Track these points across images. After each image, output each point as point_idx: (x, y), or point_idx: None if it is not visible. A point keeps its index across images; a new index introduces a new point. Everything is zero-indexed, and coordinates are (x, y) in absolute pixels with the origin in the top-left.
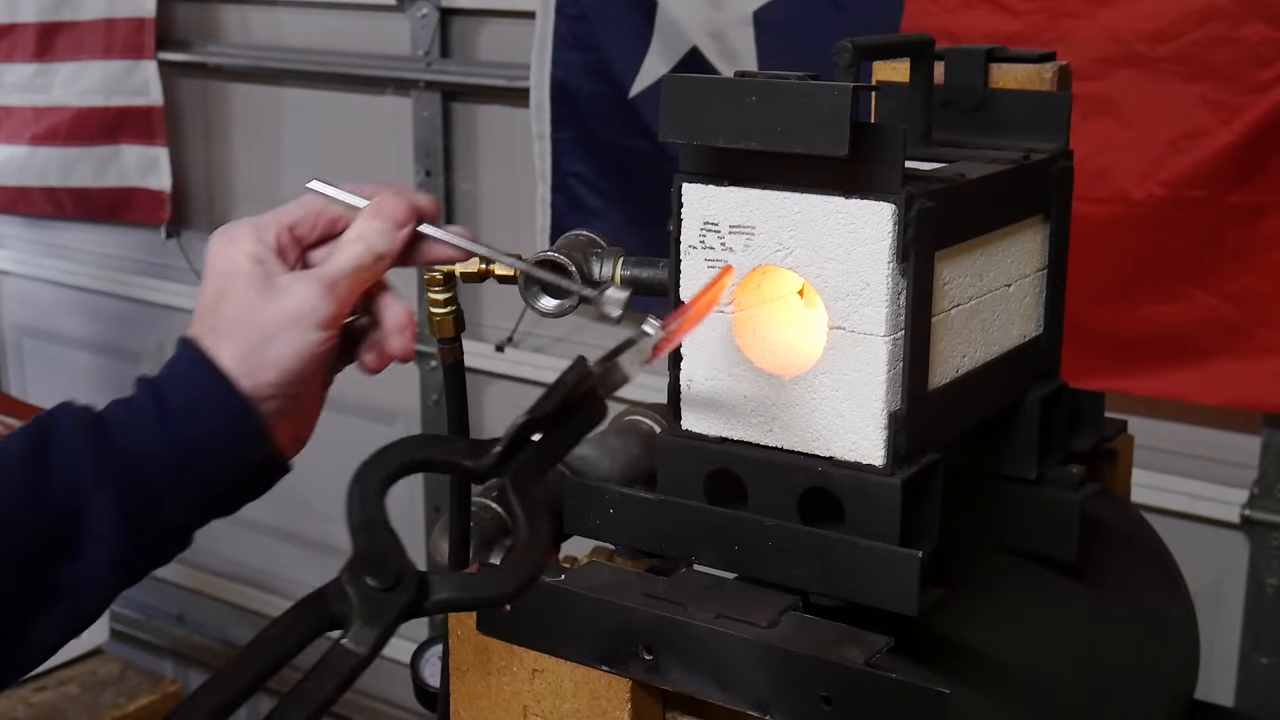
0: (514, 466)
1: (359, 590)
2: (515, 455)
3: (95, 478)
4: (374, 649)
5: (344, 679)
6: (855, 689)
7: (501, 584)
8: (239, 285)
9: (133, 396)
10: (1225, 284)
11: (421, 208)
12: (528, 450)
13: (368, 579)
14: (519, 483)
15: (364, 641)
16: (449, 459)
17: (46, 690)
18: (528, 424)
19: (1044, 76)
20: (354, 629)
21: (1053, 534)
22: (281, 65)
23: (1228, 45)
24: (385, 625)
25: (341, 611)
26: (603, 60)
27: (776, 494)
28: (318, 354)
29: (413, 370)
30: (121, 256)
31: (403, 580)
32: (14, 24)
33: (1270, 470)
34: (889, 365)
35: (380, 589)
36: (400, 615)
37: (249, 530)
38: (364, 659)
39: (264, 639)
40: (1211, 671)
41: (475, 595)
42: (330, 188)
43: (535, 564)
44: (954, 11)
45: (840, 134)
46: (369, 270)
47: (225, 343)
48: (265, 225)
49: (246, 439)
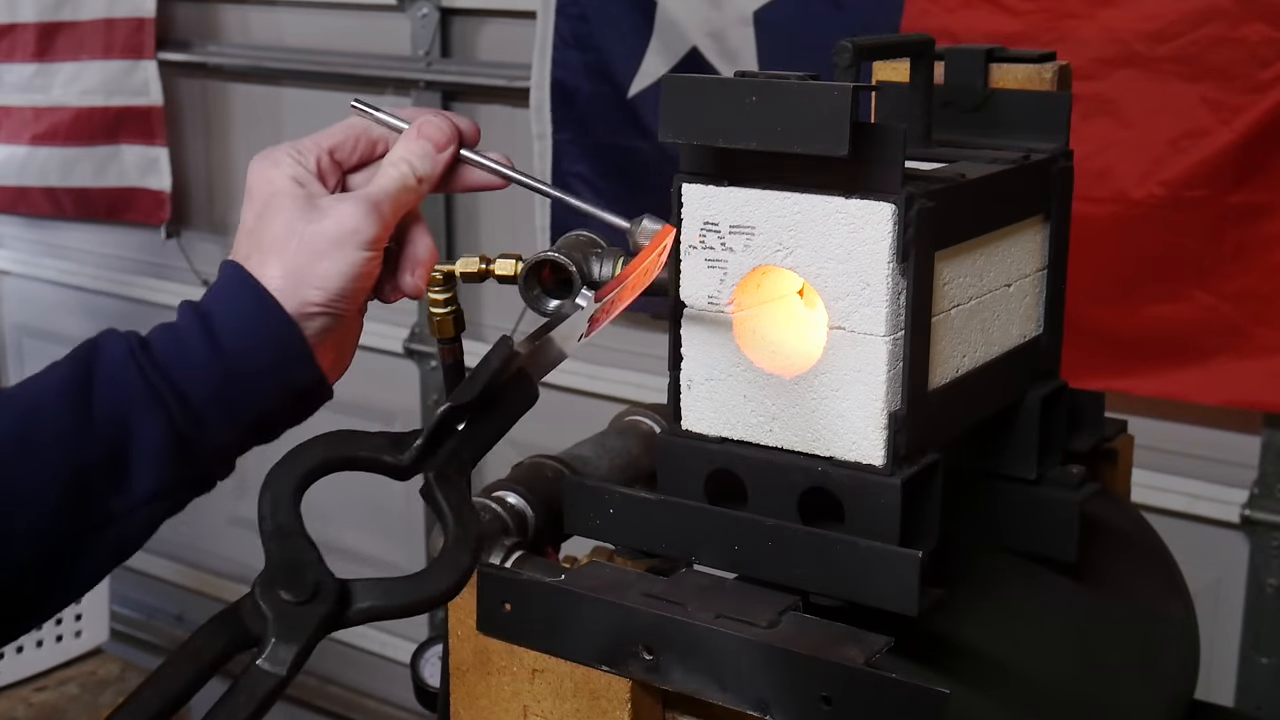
0: (439, 460)
1: (273, 605)
2: (439, 447)
3: (143, 402)
4: (293, 668)
5: (261, 702)
6: (855, 689)
7: (428, 587)
8: (282, 205)
9: (177, 321)
10: (1225, 284)
11: (463, 131)
12: (452, 440)
13: (282, 592)
14: (444, 477)
15: (281, 661)
16: (369, 455)
17: (46, 690)
18: (450, 412)
19: (1044, 76)
20: (270, 647)
21: (1053, 534)
22: (281, 65)
23: (1228, 45)
24: (304, 641)
25: (256, 629)
26: (603, 60)
27: (776, 494)
28: (362, 273)
29: (413, 370)
30: (121, 256)
31: (320, 591)
32: (14, 24)
33: (1270, 470)
34: (889, 365)
35: (296, 602)
36: (319, 628)
37: (249, 530)
38: (282, 679)
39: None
40: (1211, 671)
41: (400, 602)
42: (372, 109)
43: (464, 565)
44: (954, 11)
45: (840, 134)
46: (412, 192)
47: (270, 262)
48: (306, 149)
49: (293, 359)
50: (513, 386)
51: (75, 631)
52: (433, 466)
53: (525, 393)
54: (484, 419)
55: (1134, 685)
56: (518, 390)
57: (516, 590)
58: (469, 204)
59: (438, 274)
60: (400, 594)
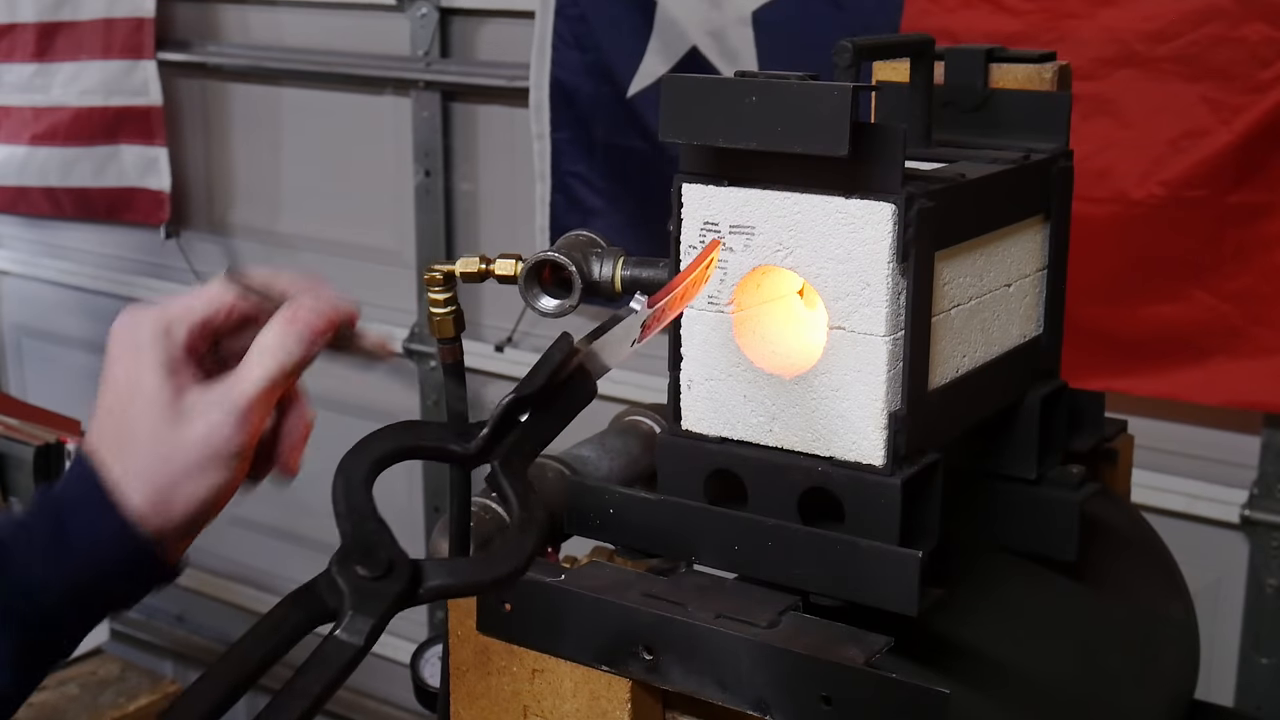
0: (503, 449)
1: (350, 580)
2: (503, 437)
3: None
4: (369, 639)
5: (339, 671)
6: (855, 689)
7: (496, 569)
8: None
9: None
10: (1225, 284)
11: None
12: (516, 432)
13: (358, 568)
14: (509, 465)
15: (358, 632)
16: (436, 444)
17: (46, 690)
18: (514, 403)
19: (1044, 76)
20: (347, 619)
21: (1053, 534)
22: (281, 65)
23: (1228, 45)
24: (379, 614)
25: (333, 604)
26: (602, 60)
27: (776, 494)
28: (231, 483)
29: (413, 370)
30: (121, 256)
31: (395, 569)
32: (13, 24)
33: (1270, 470)
34: (889, 365)
35: (372, 578)
36: (395, 604)
37: (249, 530)
38: (359, 650)
39: (255, 635)
40: (1211, 671)
41: (470, 580)
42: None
43: (529, 548)
44: (954, 11)
45: (840, 134)
46: (281, 386)
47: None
48: (176, 322)
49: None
50: (573, 382)
51: None
52: (498, 455)
53: (584, 388)
54: (545, 412)
55: (1134, 685)
56: (577, 386)
57: (516, 590)
58: (469, 204)
59: (438, 274)
60: (468, 573)
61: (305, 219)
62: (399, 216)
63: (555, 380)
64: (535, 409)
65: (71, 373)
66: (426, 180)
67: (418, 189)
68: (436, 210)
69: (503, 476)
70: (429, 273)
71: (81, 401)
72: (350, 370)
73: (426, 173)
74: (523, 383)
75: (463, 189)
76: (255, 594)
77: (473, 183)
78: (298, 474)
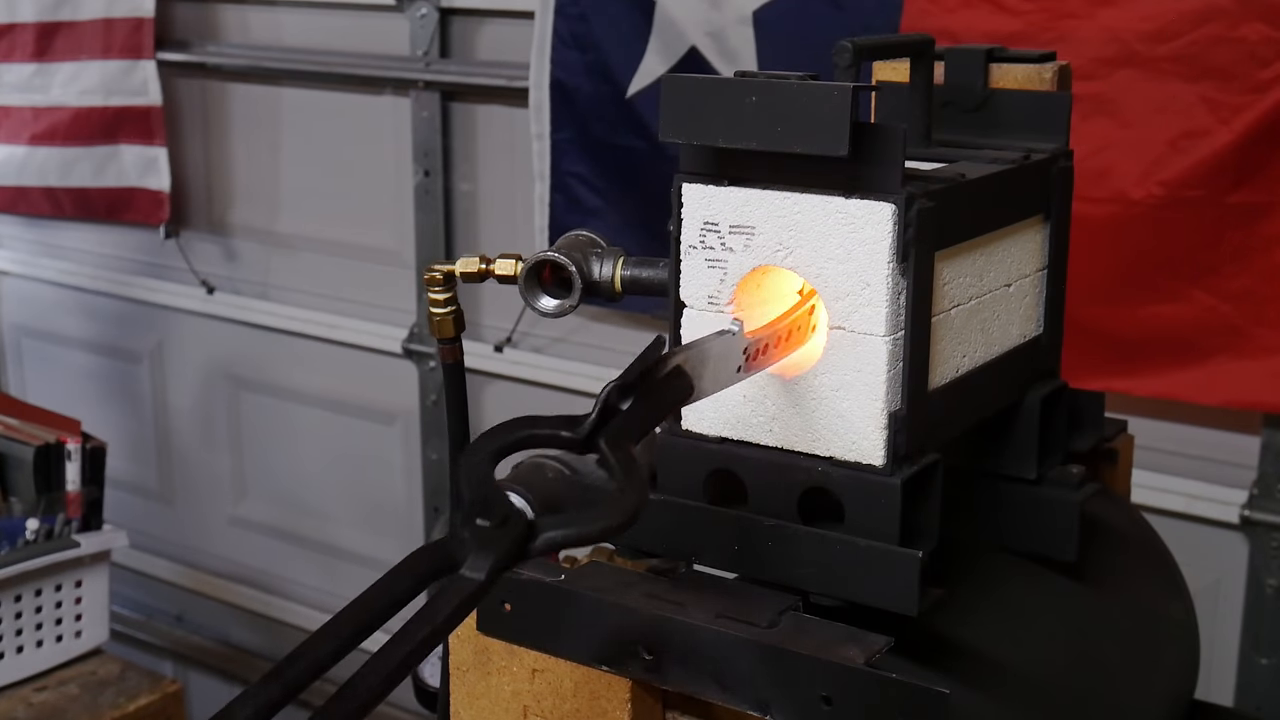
0: (609, 431)
1: (472, 530)
2: (607, 424)
3: None
4: (491, 574)
5: (462, 603)
6: (855, 689)
7: (605, 520)
8: None
9: None
10: (1225, 284)
11: None
12: (618, 419)
13: (478, 520)
14: (614, 443)
15: (480, 568)
16: (549, 433)
17: (46, 690)
18: (614, 390)
19: (1044, 76)
20: (470, 558)
21: (1053, 534)
22: (280, 65)
23: (1227, 45)
24: (500, 553)
25: (458, 555)
26: (602, 60)
27: (776, 494)
28: None
29: (412, 370)
30: (120, 256)
31: (511, 518)
32: (13, 24)
33: (1270, 470)
34: (889, 365)
35: (492, 526)
36: (514, 546)
37: (249, 530)
38: (481, 583)
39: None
40: (1211, 671)
41: (581, 532)
42: None
43: (634, 502)
44: (954, 11)
45: (840, 134)
46: None
47: None
48: None
49: None
50: (670, 379)
51: (75, 631)
52: (604, 436)
53: (682, 385)
54: (645, 401)
55: (1134, 685)
56: (674, 382)
57: (516, 590)
58: (468, 204)
59: (438, 274)
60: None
61: (305, 219)
62: (399, 216)
63: (651, 374)
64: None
65: (71, 373)
66: (426, 180)
67: (417, 189)
68: (436, 210)
69: (609, 452)
70: (429, 273)
71: (81, 401)
72: (350, 370)
73: (426, 173)
74: (623, 372)
75: (462, 189)
76: (255, 594)
77: (472, 183)
78: None
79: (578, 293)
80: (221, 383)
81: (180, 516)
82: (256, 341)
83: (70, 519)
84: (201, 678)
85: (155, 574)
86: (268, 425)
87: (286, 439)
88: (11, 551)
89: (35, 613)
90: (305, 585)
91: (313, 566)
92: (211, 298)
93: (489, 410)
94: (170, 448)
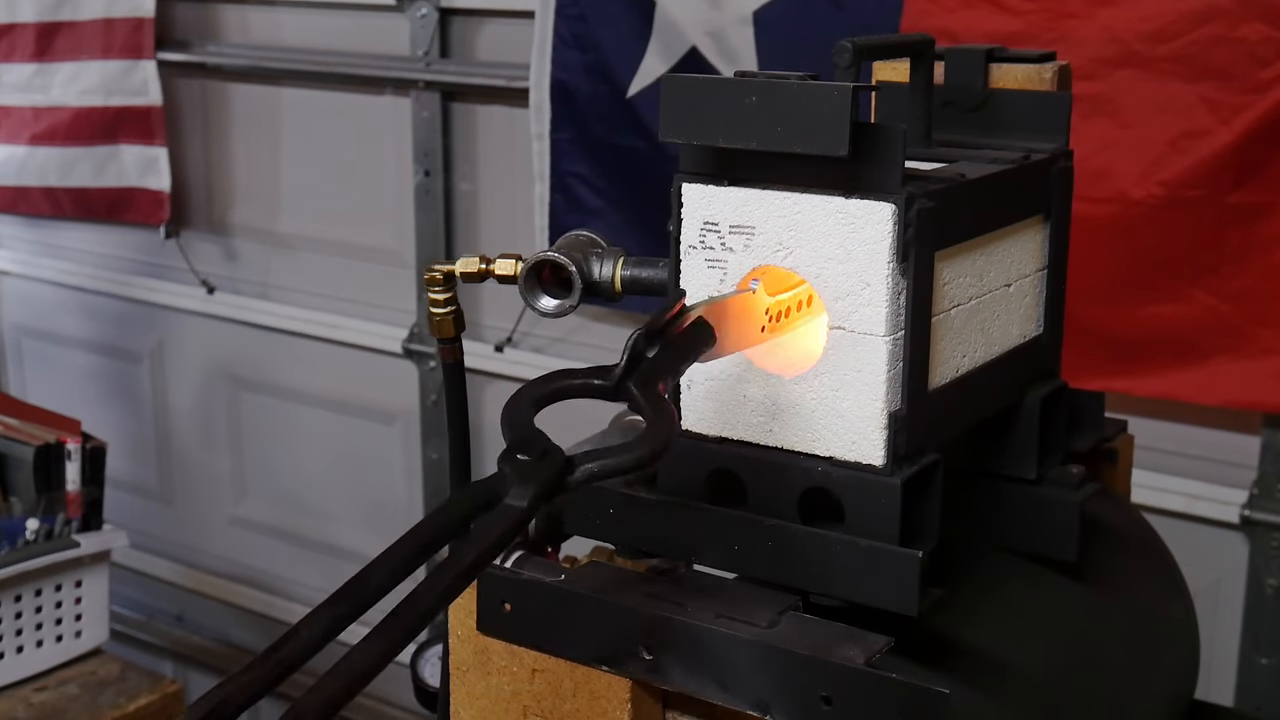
0: (638, 376)
1: (513, 464)
2: (636, 370)
3: None
4: (534, 501)
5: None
6: (855, 689)
7: (638, 450)
8: None
9: None
10: (1225, 284)
11: None
12: (646, 364)
13: (519, 455)
14: (644, 385)
15: (523, 496)
16: (583, 382)
17: (47, 690)
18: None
19: (1044, 76)
20: (513, 489)
21: (1053, 534)
22: (281, 65)
23: (1227, 45)
24: (541, 483)
25: (500, 489)
26: (602, 60)
27: (776, 494)
28: None
29: (412, 370)
30: (120, 256)
31: (549, 453)
32: (13, 24)
33: (1270, 470)
34: (889, 365)
35: (532, 459)
36: (553, 477)
37: (249, 530)
38: (524, 509)
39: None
40: (1211, 671)
41: (618, 462)
42: None
43: (665, 433)
44: (954, 11)
45: (840, 134)
46: None
47: None
48: None
49: None
50: (694, 328)
51: (75, 631)
52: (633, 379)
53: (704, 334)
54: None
55: (1134, 685)
56: (698, 331)
57: (516, 590)
58: (468, 204)
59: (438, 274)
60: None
61: (305, 219)
62: (399, 216)
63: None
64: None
65: (71, 373)
66: (426, 180)
67: (417, 189)
68: (436, 210)
69: (638, 393)
70: (428, 273)
71: (81, 401)
72: (350, 370)
73: (426, 173)
74: (648, 321)
75: (462, 189)
76: (255, 594)
77: (472, 183)
78: None
79: (578, 293)
80: (222, 382)
81: (181, 516)
82: (257, 341)
83: (70, 519)
84: (202, 678)
85: (155, 574)
86: (268, 425)
87: (287, 439)
88: (11, 551)
89: (35, 613)
90: (306, 585)
91: (313, 566)
92: (212, 298)
93: (490, 410)
94: (171, 447)
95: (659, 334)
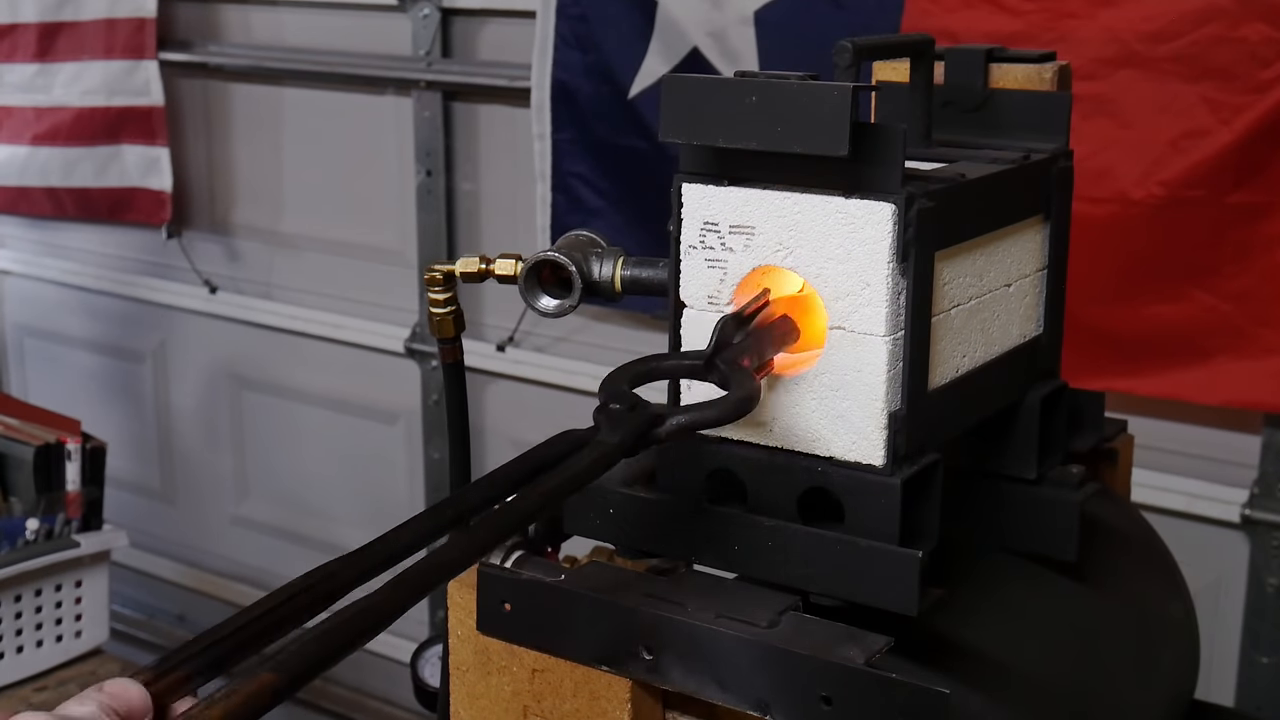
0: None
1: (607, 414)
2: (723, 351)
3: None
4: (622, 441)
5: (600, 456)
6: (855, 689)
7: (723, 404)
8: None
9: None
10: (1225, 284)
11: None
12: (732, 348)
13: (611, 404)
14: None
15: (615, 433)
16: (675, 364)
17: (47, 690)
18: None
19: (1044, 76)
20: (605, 429)
21: (1053, 534)
22: (282, 65)
23: (1228, 45)
24: (631, 426)
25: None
26: (603, 60)
27: (776, 494)
28: None
29: (413, 370)
30: (122, 256)
31: (639, 405)
32: (15, 24)
33: (1270, 470)
34: (889, 365)
35: (623, 409)
36: (642, 425)
37: (249, 530)
38: (617, 444)
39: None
40: (1211, 671)
41: (705, 415)
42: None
43: (749, 391)
44: (954, 11)
45: (840, 134)
46: None
47: None
48: None
49: None
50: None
51: (75, 631)
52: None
53: (789, 328)
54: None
55: (1134, 685)
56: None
57: (516, 590)
58: (470, 204)
59: (438, 274)
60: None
61: (307, 219)
62: (400, 216)
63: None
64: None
65: (73, 373)
66: (428, 180)
67: (419, 189)
68: (438, 210)
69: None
70: (429, 273)
71: (84, 401)
72: (353, 370)
73: (428, 172)
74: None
75: (464, 189)
76: (255, 594)
77: (474, 183)
78: None
79: (578, 293)
80: (224, 382)
81: (182, 516)
82: (259, 341)
83: (70, 519)
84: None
85: (157, 574)
86: (270, 425)
87: (289, 438)
88: (11, 551)
89: (35, 613)
90: None
91: (315, 566)
92: (214, 297)
93: (491, 410)
94: (173, 447)
95: (746, 321)
